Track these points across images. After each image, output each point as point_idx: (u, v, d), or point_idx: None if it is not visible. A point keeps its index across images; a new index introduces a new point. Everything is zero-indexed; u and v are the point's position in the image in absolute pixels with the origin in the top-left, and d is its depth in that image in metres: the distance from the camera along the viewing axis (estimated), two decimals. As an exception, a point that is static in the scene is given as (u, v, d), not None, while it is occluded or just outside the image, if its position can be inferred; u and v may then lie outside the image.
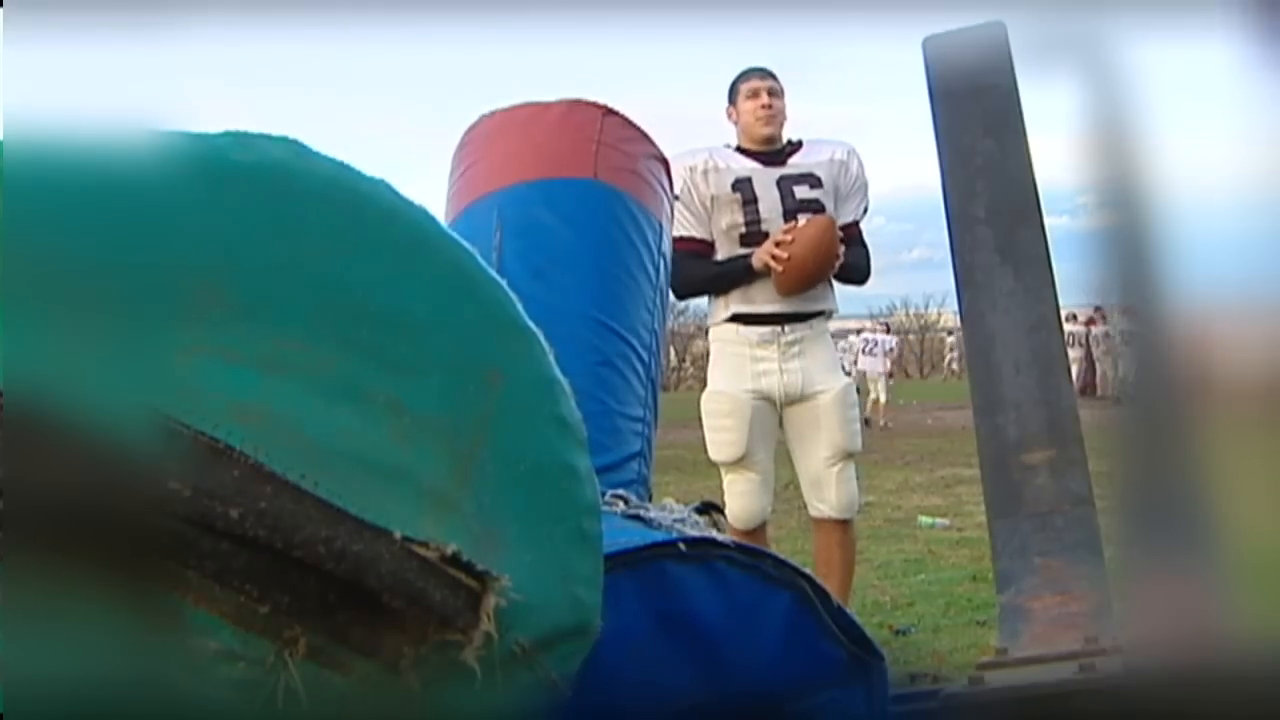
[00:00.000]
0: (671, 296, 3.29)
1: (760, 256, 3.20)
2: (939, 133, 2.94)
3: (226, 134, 1.35)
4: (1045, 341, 2.82)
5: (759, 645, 1.87)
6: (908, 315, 37.72)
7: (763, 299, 3.29)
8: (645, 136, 3.13)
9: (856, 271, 3.36)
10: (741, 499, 3.30)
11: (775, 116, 3.34)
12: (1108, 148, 2.54)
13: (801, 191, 3.30)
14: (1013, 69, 2.89)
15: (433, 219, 1.45)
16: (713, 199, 3.29)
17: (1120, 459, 2.52)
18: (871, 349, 19.17)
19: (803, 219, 3.26)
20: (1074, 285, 3.23)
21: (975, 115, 2.93)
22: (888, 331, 21.82)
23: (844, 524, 3.34)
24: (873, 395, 17.85)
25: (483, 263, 1.47)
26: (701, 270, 3.34)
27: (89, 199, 1.25)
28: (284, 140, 1.37)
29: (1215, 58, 2.22)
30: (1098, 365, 19.84)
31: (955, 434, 11.64)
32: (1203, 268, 2.36)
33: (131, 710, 1.20)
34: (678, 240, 3.37)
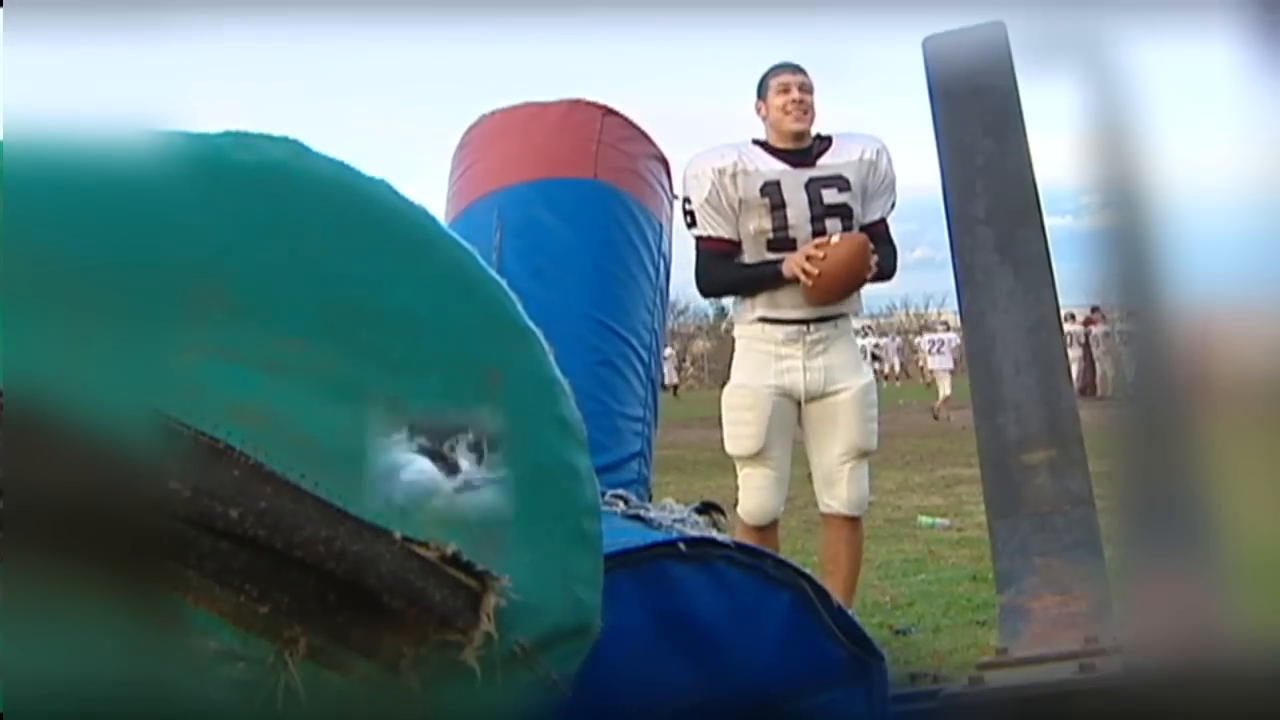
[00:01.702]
0: (673, 295, 3.29)
1: (790, 268, 3.19)
2: (939, 133, 2.94)
3: (226, 134, 1.35)
4: (1045, 341, 2.81)
5: (759, 645, 1.87)
6: (908, 315, 37.68)
7: (789, 305, 3.28)
8: (645, 136, 3.12)
9: (883, 269, 3.35)
10: (756, 494, 3.28)
11: (806, 112, 3.31)
12: (1108, 148, 2.54)
13: (830, 196, 3.28)
14: (1013, 69, 2.88)
15: (433, 219, 1.45)
16: (740, 202, 3.28)
17: (1120, 459, 2.52)
18: (939, 349, 19.64)
19: (830, 224, 3.25)
20: (1074, 285, 3.23)
21: (975, 115, 2.92)
22: (949, 330, 22.38)
23: (853, 521, 3.33)
24: (943, 392, 18.23)
25: (483, 263, 1.47)
26: (729, 272, 3.34)
27: (89, 199, 1.25)
28: (284, 140, 1.37)
29: (1215, 58, 2.22)
30: (1098, 365, 19.86)
31: (955, 434, 11.63)
32: (1203, 268, 2.36)
33: (131, 710, 1.20)
34: (705, 240, 3.35)
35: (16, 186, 1.21)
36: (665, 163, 3.25)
